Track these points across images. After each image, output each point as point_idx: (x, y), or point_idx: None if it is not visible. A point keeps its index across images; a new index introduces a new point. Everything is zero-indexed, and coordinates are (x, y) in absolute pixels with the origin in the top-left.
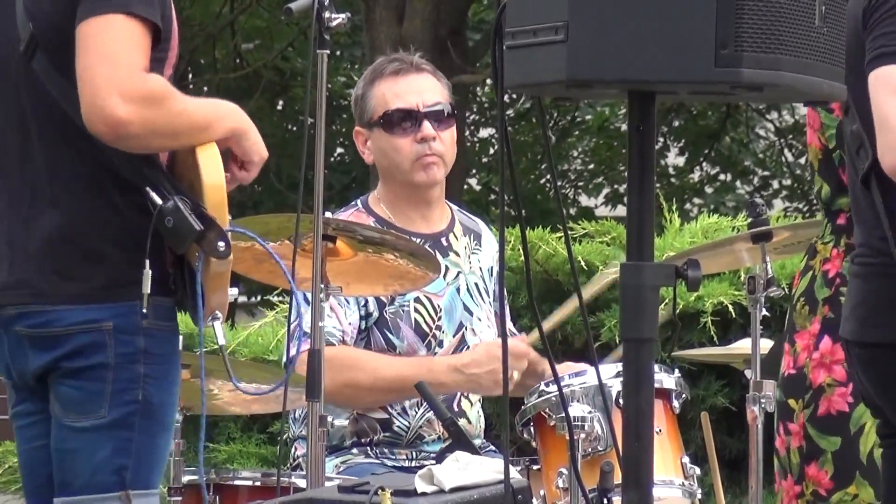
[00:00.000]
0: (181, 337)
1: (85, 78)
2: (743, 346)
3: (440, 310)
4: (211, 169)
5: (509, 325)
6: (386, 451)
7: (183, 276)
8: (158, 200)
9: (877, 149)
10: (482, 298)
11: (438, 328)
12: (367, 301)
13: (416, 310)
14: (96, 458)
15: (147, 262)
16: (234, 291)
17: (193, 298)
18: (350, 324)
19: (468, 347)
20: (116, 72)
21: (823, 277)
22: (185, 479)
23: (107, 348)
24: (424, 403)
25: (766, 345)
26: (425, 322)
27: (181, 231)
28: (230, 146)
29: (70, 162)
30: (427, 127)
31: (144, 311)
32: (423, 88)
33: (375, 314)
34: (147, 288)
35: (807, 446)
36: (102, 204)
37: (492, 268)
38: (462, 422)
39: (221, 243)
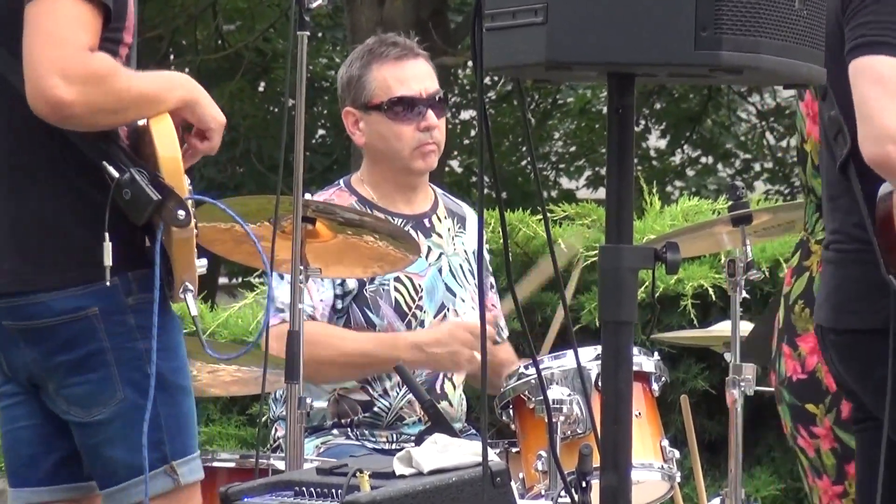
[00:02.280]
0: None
1: (29, 59)
2: (723, 328)
3: (421, 289)
4: (165, 140)
5: (496, 303)
6: (366, 432)
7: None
8: (115, 173)
9: (857, 137)
10: (466, 280)
11: (419, 308)
12: (343, 279)
13: (396, 289)
14: (130, 441)
15: (106, 234)
16: (202, 262)
17: (164, 273)
18: (322, 300)
19: None
20: (60, 52)
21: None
22: None
23: (98, 332)
24: (405, 386)
25: (745, 328)
26: (405, 301)
27: (139, 202)
28: (184, 116)
29: (29, 147)
30: (431, 116)
31: (108, 283)
32: (424, 75)
33: (355, 291)
34: (108, 260)
35: (841, 448)
36: (65, 187)
37: (475, 250)
38: (443, 405)
39: (181, 212)
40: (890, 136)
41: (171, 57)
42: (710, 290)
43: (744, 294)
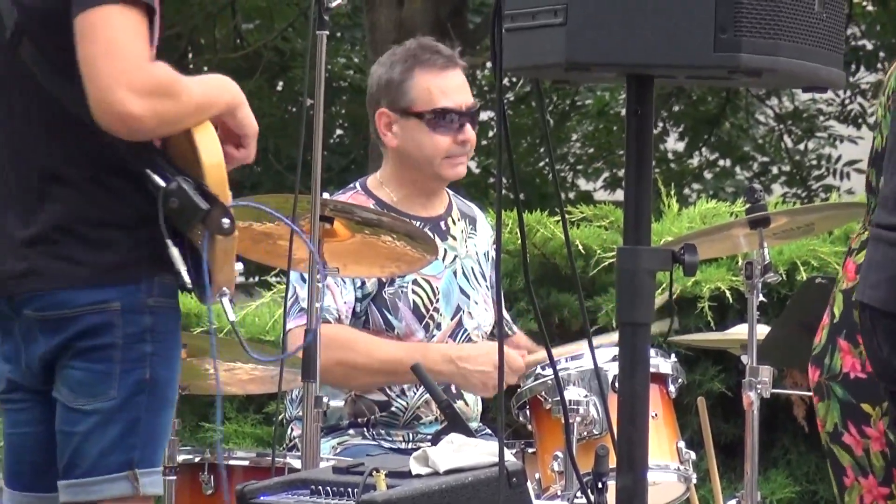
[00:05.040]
0: None
1: (91, 73)
2: (740, 331)
3: (438, 292)
4: (210, 148)
5: (506, 315)
6: (382, 432)
7: (185, 255)
8: (161, 182)
9: None
10: (478, 282)
11: (436, 310)
12: (363, 281)
13: (414, 291)
14: (105, 440)
15: (169, 241)
16: (239, 267)
17: (198, 276)
18: (346, 303)
19: (465, 331)
20: (123, 65)
21: None
22: (180, 458)
23: (115, 328)
24: (422, 386)
25: (762, 330)
26: (423, 304)
27: (187, 211)
28: (225, 121)
29: (67, 150)
30: (469, 130)
31: (186, 284)
32: (464, 87)
33: (373, 293)
34: (181, 266)
35: (891, 452)
36: (102, 189)
37: (487, 252)
38: (459, 404)
39: (226, 220)
40: None
41: (190, 55)
42: (728, 293)
43: (761, 297)
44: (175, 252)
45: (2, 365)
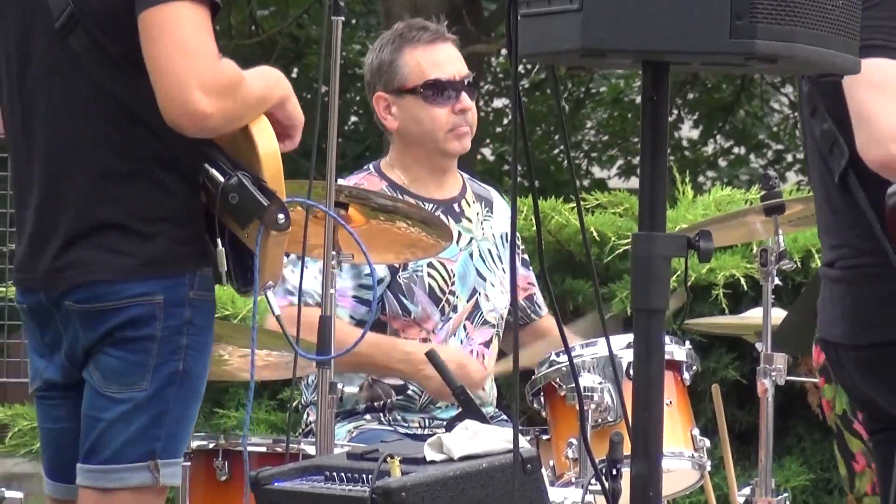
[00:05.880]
0: None
1: (163, 71)
2: (755, 317)
3: (453, 275)
4: (266, 140)
5: (533, 280)
6: (399, 416)
7: (225, 248)
8: (220, 178)
9: (855, 145)
10: (495, 264)
11: (452, 293)
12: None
13: (429, 275)
14: (131, 430)
15: (219, 241)
16: (284, 260)
17: (241, 270)
18: (339, 288)
19: (481, 313)
20: (197, 64)
21: None
22: (195, 444)
23: (156, 321)
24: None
25: (777, 317)
26: (439, 287)
27: (248, 207)
28: (274, 112)
29: (111, 142)
30: (465, 99)
31: (223, 278)
32: (455, 59)
33: (388, 279)
34: (223, 266)
35: None
36: (149, 183)
37: (504, 234)
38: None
39: (281, 216)
40: (892, 136)
41: None
42: (742, 280)
43: (776, 283)
44: (223, 251)
45: (37, 361)
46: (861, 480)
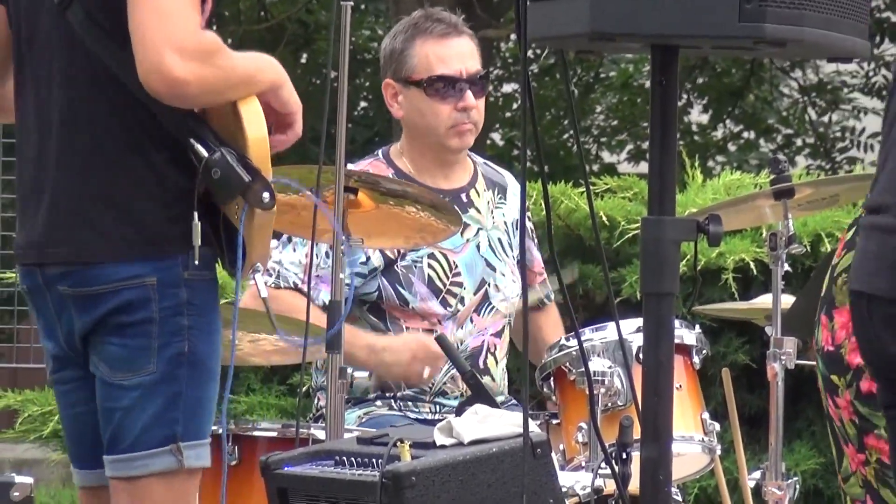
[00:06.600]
0: None
1: (140, 36)
2: (764, 301)
3: (455, 266)
4: (254, 122)
5: (548, 285)
6: (409, 403)
7: (218, 228)
8: (204, 152)
9: None
10: (506, 253)
11: (456, 284)
12: (367, 256)
13: (429, 265)
14: (147, 414)
15: (195, 214)
16: (274, 243)
17: (232, 251)
18: (322, 274)
19: (490, 304)
20: (173, 28)
21: None
22: None
23: (151, 303)
24: (449, 361)
25: (787, 301)
26: (439, 278)
27: (229, 182)
28: (268, 99)
29: (107, 119)
30: (469, 97)
31: (197, 262)
32: (466, 54)
33: (380, 268)
34: (197, 240)
35: (860, 421)
36: (140, 162)
37: (517, 220)
38: (486, 379)
39: (266, 194)
40: None
41: (214, 27)
42: (752, 264)
43: (786, 268)
44: (198, 226)
45: (45, 342)
46: (844, 461)
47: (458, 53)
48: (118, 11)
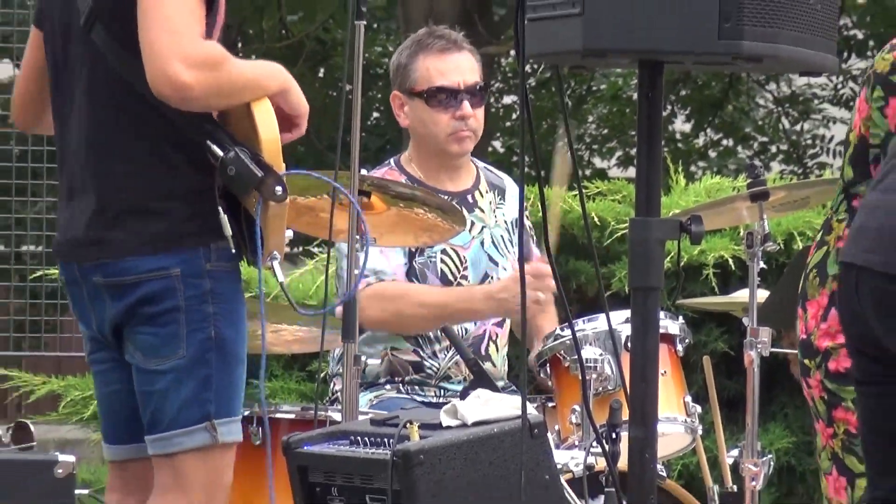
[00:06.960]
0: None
1: (149, 47)
2: (741, 295)
3: (465, 261)
4: (266, 123)
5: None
6: (416, 387)
7: (239, 222)
8: (220, 152)
9: None
10: (507, 249)
11: (464, 277)
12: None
13: (442, 260)
14: (182, 396)
15: (220, 208)
16: (289, 234)
17: (251, 242)
18: (397, 264)
19: None
20: (178, 40)
21: (836, 254)
22: None
23: (177, 292)
24: (452, 348)
25: (762, 295)
26: (451, 272)
27: (243, 178)
28: (278, 102)
29: (132, 128)
30: (466, 106)
31: (233, 251)
32: (465, 68)
33: (406, 263)
34: (227, 230)
35: (828, 396)
36: (162, 164)
37: (515, 219)
38: (487, 365)
39: (279, 188)
40: None
41: (240, 45)
42: (730, 261)
43: (761, 264)
44: (225, 218)
45: (82, 327)
46: (818, 439)
47: (456, 67)
48: (133, 27)
